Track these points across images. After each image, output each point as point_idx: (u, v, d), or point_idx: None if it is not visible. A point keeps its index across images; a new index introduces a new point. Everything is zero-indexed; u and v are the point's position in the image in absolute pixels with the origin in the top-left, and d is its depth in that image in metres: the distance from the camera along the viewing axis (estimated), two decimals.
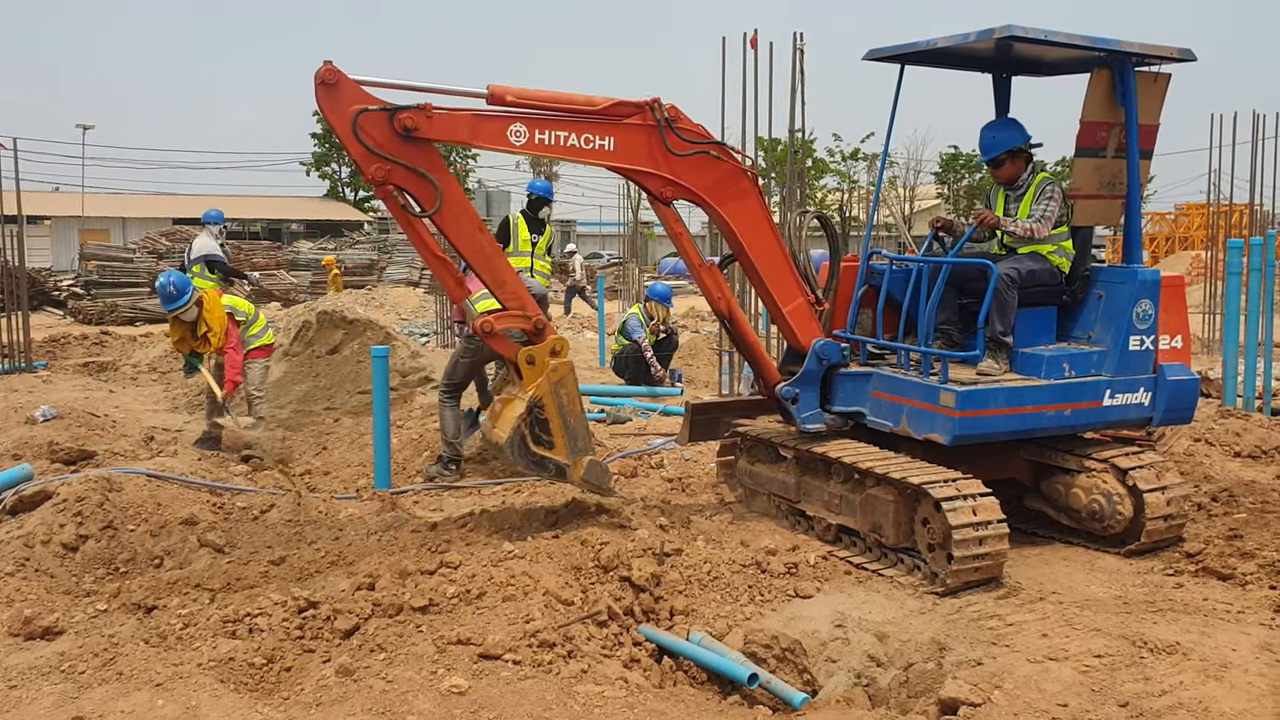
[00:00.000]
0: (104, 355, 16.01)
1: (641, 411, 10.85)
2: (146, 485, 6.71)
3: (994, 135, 6.57)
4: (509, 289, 5.89)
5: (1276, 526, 6.23)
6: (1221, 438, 8.64)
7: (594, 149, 5.81)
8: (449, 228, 5.67)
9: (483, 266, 5.80)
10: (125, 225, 50.59)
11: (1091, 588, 5.50)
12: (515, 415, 5.77)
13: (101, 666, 4.34)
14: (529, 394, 5.78)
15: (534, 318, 5.90)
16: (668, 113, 5.94)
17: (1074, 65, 6.66)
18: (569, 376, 5.90)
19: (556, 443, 5.87)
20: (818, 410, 6.40)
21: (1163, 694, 4.13)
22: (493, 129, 5.58)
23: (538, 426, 5.81)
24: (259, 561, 5.81)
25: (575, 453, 5.92)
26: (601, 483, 6.03)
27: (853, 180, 44.09)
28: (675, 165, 5.99)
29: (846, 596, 5.36)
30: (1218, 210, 17.26)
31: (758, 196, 6.29)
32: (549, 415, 5.83)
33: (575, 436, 5.92)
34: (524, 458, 5.82)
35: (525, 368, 5.80)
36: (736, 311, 6.63)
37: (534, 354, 5.82)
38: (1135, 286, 6.22)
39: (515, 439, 5.76)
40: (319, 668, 4.33)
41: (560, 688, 4.11)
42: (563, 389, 5.87)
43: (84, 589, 5.53)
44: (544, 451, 5.84)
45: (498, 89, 5.63)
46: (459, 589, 4.87)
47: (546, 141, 5.70)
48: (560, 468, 5.90)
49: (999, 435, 5.97)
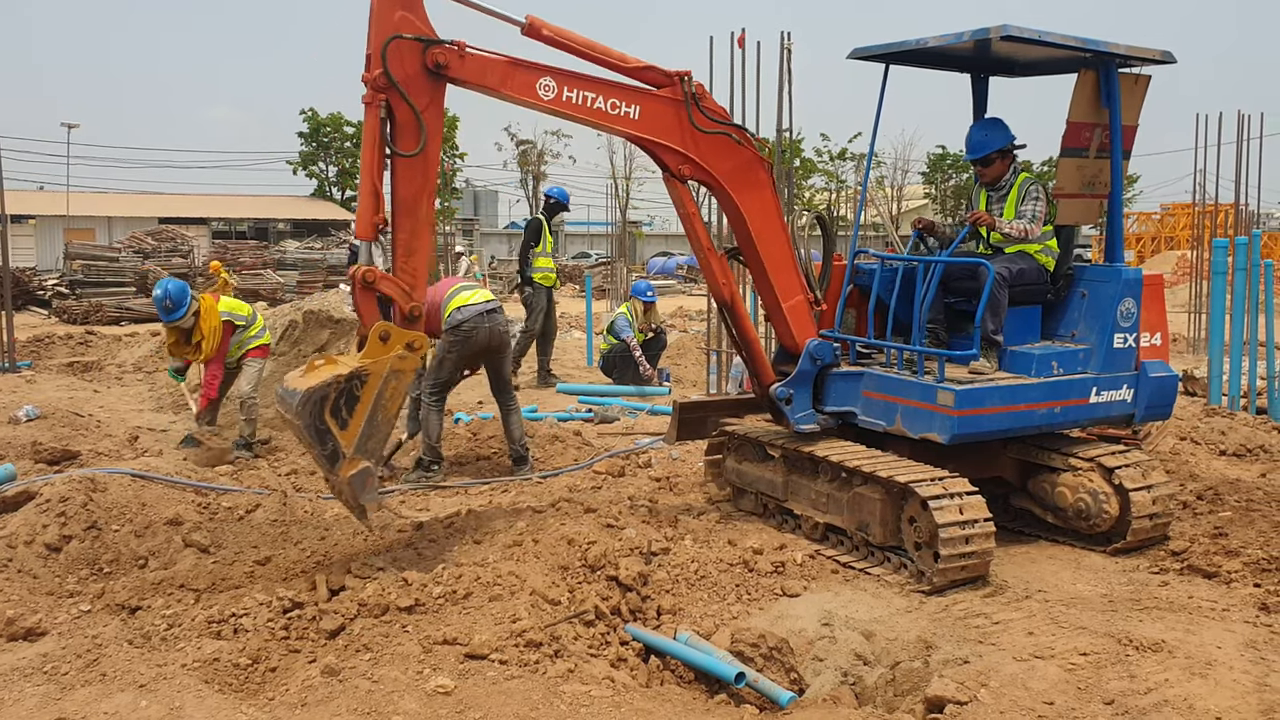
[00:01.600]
0: (89, 355, 15.92)
1: (629, 411, 10.85)
2: (131, 485, 6.67)
3: (985, 134, 6.59)
4: (415, 262, 5.45)
5: (1261, 525, 6.25)
6: (1207, 436, 8.68)
7: (619, 115, 5.72)
8: (404, 176, 5.34)
9: (410, 230, 5.41)
10: (110, 224, 50.31)
11: (1077, 586, 5.51)
12: (333, 374, 5.14)
13: (85, 668, 4.31)
14: (360, 364, 5.19)
15: (416, 303, 5.40)
16: (695, 90, 5.89)
17: (1055, 66, 6.71)
18: (407, 375, 5.36)
19: (351, 427, 5.17)
20: (811, 411, 6.39)
21: (1148, 691, 4.15)
22: (523, 79, 5.47)
23: (345, 399, 5.13)
24: (244, 562, 5.78)
25: (359, 450, 5.22)
26: (361, 495, 5.27)
27: (840, 180, 44.18)
28: (698, 143, 5.92)
29: (833, 595, 5.36)
30: (1203, 210, 17.33)
31: (772, 188, 6.26)
32: (363, 396, 5.18)
33: (372, 435, 5.25)
34: (309, 417, 5.07)
35: (375, 341, 5.22)
36: (739, 301, 6.55)
37: (391, 332, 5.25)
38: (1119, 285, 6.27)
39: (317, 395, 5.07)
40: (304, 668, 4.31)
41: (547, 687, 4.09)
42: (395, 382, 5.27)
43: (67, 590, 5.49)
44: (334, 426, 5.13)
45: (536, 19, 5.53)
46: (445, 589, 4.85)
47: (574, 100, 5.59)
48: (336, 452, 5.16)
49: (994, 434, 6.00)
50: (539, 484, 7.84)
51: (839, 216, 42.54)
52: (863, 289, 6.75)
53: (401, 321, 5.33)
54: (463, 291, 8.10)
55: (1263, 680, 4.23)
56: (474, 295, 8.07)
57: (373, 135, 5.24)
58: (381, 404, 5.23)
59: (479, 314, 7.93)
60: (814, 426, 6.35)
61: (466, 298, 8.02)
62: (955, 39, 5.98)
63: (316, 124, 57.97)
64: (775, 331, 6.52)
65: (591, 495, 7.21)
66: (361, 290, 5.28)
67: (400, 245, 5.40)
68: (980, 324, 6.00)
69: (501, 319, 8.12)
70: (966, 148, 6.72)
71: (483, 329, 7.94)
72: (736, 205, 6.12)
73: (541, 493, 7.51)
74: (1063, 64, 6.57)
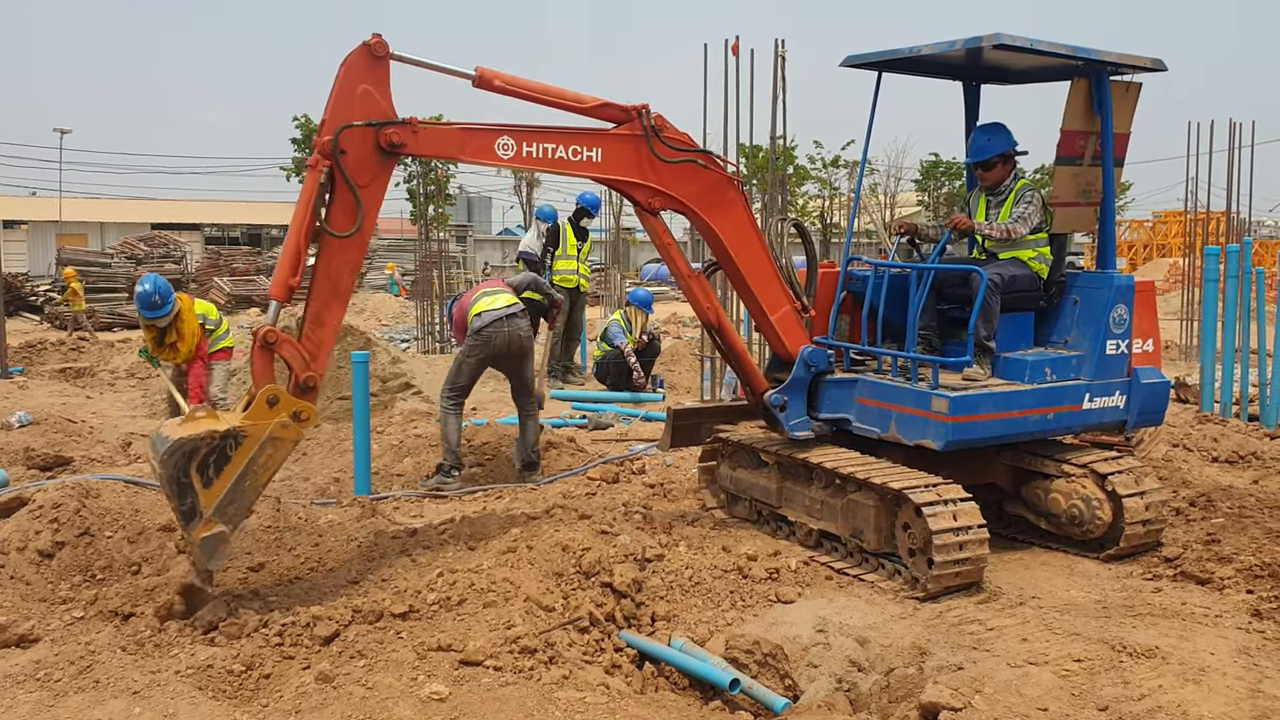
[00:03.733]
0: (81, 361, 15.89)
1: (623, 417, 10.85)
2: (124, 491, 6.65)
3: (988, 138, 6.61)
4: (323, 333, 5.28)
5: (1253, 531, 6.27)
6: (1199, 443, 8.70)
7: (581, 160, 5.74)
8: (333, 251, 5.25)
9: (325, 301, 5.28)
10: (103, 230, 50.24)
11: (1071, 592, 5.53)
12: (209, 429, 4.89)
13: (78, 674, 4.30)
14: (240, 425, 4.94)
15: (314, 374, 5.20)
16: (654, 121, 5.90)
17: (1047, 74, 6.74)
18: (285, 447, 5.07)
19: (215, 487, 4.87)
20: (806, 417, 6.39)
21: (1142, 698, 4.16)
22: (480, 143, 5.49)
23: (216, 457, 4.86)
24: (238, 568, 5.76)
25: (219, 513, 4.90)
26: (211, 560, 4.92)
27: (834, 187, 44.21)
28: (663, 174, 5.95)
29: (828, 602, 5.36)
30: (1195, 218, 17.39)
31: (744, 205, 6.28)
32: (235, 458, 4.90)
33: (235, 500, 4.94)
34: (174, 468, 4.78)
35: (261, 404, 4.98)
36: (725, 321, 6.58)
37: (280, 397, 5.01)
38: (1111, 292, 6.29)
39: (186, 447, 4.79)
40: (298, 674, 4.30)
41: (541, 694, 4.09)
42: (271, 450, 5.00)
43: (60, 596, 5.47)
44: (197, 482, 4.84)
45: (486, 71, 5.54)
46: (439, 595, 4.85)
47: (534, 154, 5.62)
48: (194, 510, 4.84)
49: (989, 440, 6.01)
50: (533, 490, 7.84)
51: (832, 224, 42.64)
52: (855, 295, 6.76)
53: (294, 389, 5.12)
54: (485, 297, 8.08)
55: (1255, 686, 4.24)
56: (496, 300, 8.04)
57: (308, 199, 5.12)
58: (252, 469, 4.97)
59: (499, 318, 7.91)
60: (808, 433, 6.35)
61: (489, 303, 8.01)
62: (948, 47, 5.99)
63: (309, 130, 57.85)
64: (767, 341, 6.54)
65: (586, 501, 7.20)
66: (260, 350, 5.07)
67: (311, 313, 5.25)
68: (974, 330, 6.01)
69: (523, 323, 8.07)
70: (968, 151, 6.75)
71: (502, 333, 7.91)
72: (710, 226, 6.14)
73: (536, 499, 7.50)
74: (1055, 72, 6.60)
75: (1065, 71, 6.38)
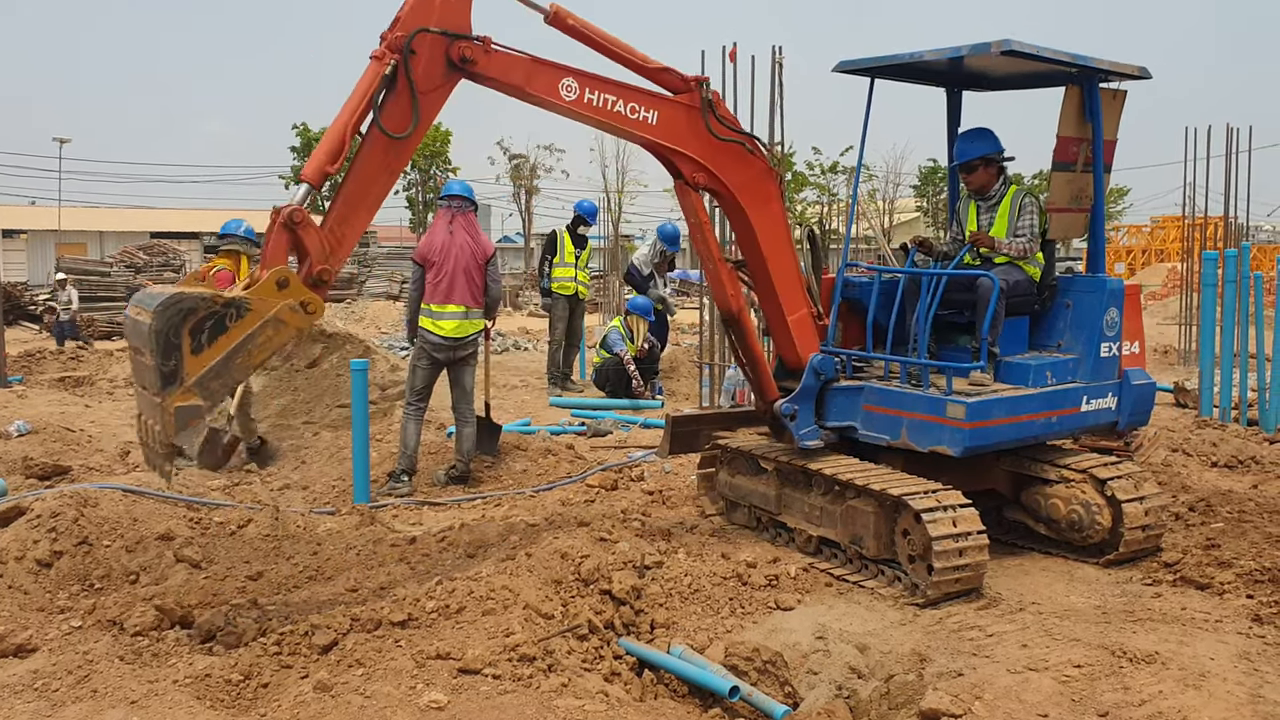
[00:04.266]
0: (80, 370, 15.87)
1: (622, 424, 10.84)
2: (122, 500, 6.65)
3: (969, 142, 6.65)
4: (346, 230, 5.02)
5: (1253, 536, 6.27)
6: (1199, 448, 8.70)
7: (637, 119, 5.65)
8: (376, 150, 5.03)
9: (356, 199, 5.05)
10: (102, 239, 50.29)
11: (1071, 598, 5.52)
12: (212, 293, 4.55)
13: (75, 684, 4.29)
14: (244, 298, 4.59)
15: (329, 268, 4.88)
16: (711, 97, 5.86)
17: (1037, 80, 6.80)
18: (287, 332, 4.70)
19: (204, 355, 4.49)
20: (815, 426, 6.32)
21: (1142, 703, 4.15)
22: (547, 79, 5.38)
23: (212, 324, 4.48)
24: (236, 577, 5.76)
25: (200, 384, 4.50)
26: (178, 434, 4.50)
27: (832, 193, 44.23)
28: (711, 152, 5.88)
29: (827, 608, 5.35)
30: (1193, 223, 17.39)
31: (781, 201, 6.23)
32: (233, 330, 4.53)
33: (220, 375, 4.54)
34: (165, 321, 4.39)
35: (270, 283, 4.64)
36: (746, 314, 6.42)
37: (291, 281, 4.68)
38: (1104, 295, 6.33)
39: (186, 304, 4.43)
40: (296, 683, 4.29)
41: (540, 702, 4.08)
42: (271, 331, 4.63)
43: (58, 606, 5.46)
44: (187, 344, 4.45)
45: (561, 9, 5.46)
46: (438, 603, 4.84)
47: (594, 103, 5.51)
48: (175, 373, 4.44)
49: (1000, 444, 5.99)
50: (532, 498, 7.84)
51: (830, 230, 42.66)
52: (851, 302, 6.75)
53: (306, 279, 4.80)
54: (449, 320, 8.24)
55: (1256, 692, 4.23)
56: (458, 326, 8.24)
57: (366, 89, 4.93)
58: (247, 347, 4.57)
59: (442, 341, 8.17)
60: (818, 442, 6.27)
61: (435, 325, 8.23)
62: (952, 53, 5.98)
63: (308, 138, 57.96)
64: (776, 346, 6.45)
65: (584, 509, 7.20)
66: (280, 229, 4.74)
67: (340, 208, 5.02)
68: (985, 335, 6.03)
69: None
70: (953, 155, 6.79)
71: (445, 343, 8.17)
72: (748, 217, 6.06)
73: (534, 506, 7.50)
74: (1044, 79, 6.66)
75: (1055, 78, 6.43)
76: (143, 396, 4.71)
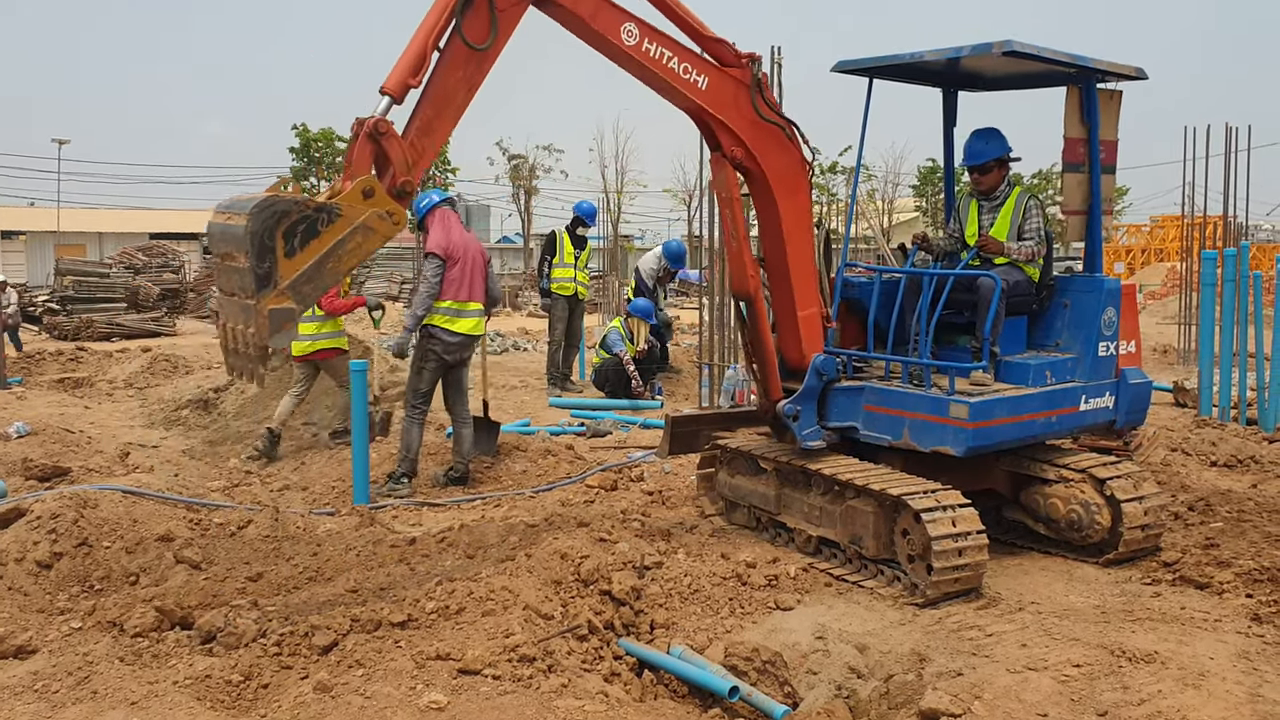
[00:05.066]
0: (80, 371, 15.87)
1: (622, 424, 10.84)
2: (122, 501, 6.66)
3: (985, 143, 6.62)
4: (428, 141, 5.08)
5: (1253, 535, 6.27)
6: (1198, 447, 8.71)
7: (688, 80, 5.66)
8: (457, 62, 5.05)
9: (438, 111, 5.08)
10: (101, 240, 50.29)
11: (1070, 597, 5.52)
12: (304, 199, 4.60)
13: (75, 685, 4.29)
14: (335, 204, 4.63)
15: (411, 179, 4.93)
16: (761, 77, 5.87)
17: (1035, 81, 6.79)
18: (375, 240, 4.77)
19: (297, 259, 4.54)
20: (817, 427, 6.28)
21: (1141, 703, 4.15)
22: (610, 18, 5.39)
23: (305, 228, 4.53)
24: (236, 578, 5.75)
25: (293, 287, 4.57)
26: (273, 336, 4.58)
27: (831, 194, 44.26)
28: (752, 130, 5.88)
29: (827, 608, 5.36)
30: (1192, 222, 17.40)
31: (809, 195, 6.23)
32: (325, 234, 4.58)
33: (313, 279, 4.62)
34: (259, 223, 4.43)
35: (356, 191, 4.69)
36: (760, 297, 6.30)
37: (376, 190, 4.73)
38: (1102, 295, 6.34)
39: (280, 207, 4.48)
40: (296, 684, 4.29)
41: (540, 702, 4.08)
42: (360, 238, 4.69)
43: (58, 607, 5.47)
44: (280, 247, 4.50)
45: None
46: (438, 604, 4.84)
47: (651, 53, 5.52)
48: (270, 275, 4.50)
49: (1003, 444, 6.00)
50: (531, 498, 7.84)
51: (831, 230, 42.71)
52: (849, 302, 6.74)
53: (390, 190, 4.85)
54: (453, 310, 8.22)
55: (1255, 691, 4.23)
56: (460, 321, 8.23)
57: (444, 7, 4.97)
58: (338, 252, 4.65)
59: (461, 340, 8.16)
60: (821, 443, 6.23)
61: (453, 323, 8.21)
62: (954, 53, 5.97)
63: (307, 139, 57.96)
64: (781, 342, 6.37)
65: (584, 509, 7.20)
66: (365, 139, 4.80)
67: (421, 121, 5.05)
68: (987, 335, 6.03)
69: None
70: (965, 155, 6.75)
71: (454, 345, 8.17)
72: (776, 204, 6.03)
73: (534, 507, 7.50)
74: (1039, 79, 6.67)
75: (1053, 79, 6.43)
76: (231, 303, 4.74)
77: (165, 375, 14.42)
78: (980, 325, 6.13)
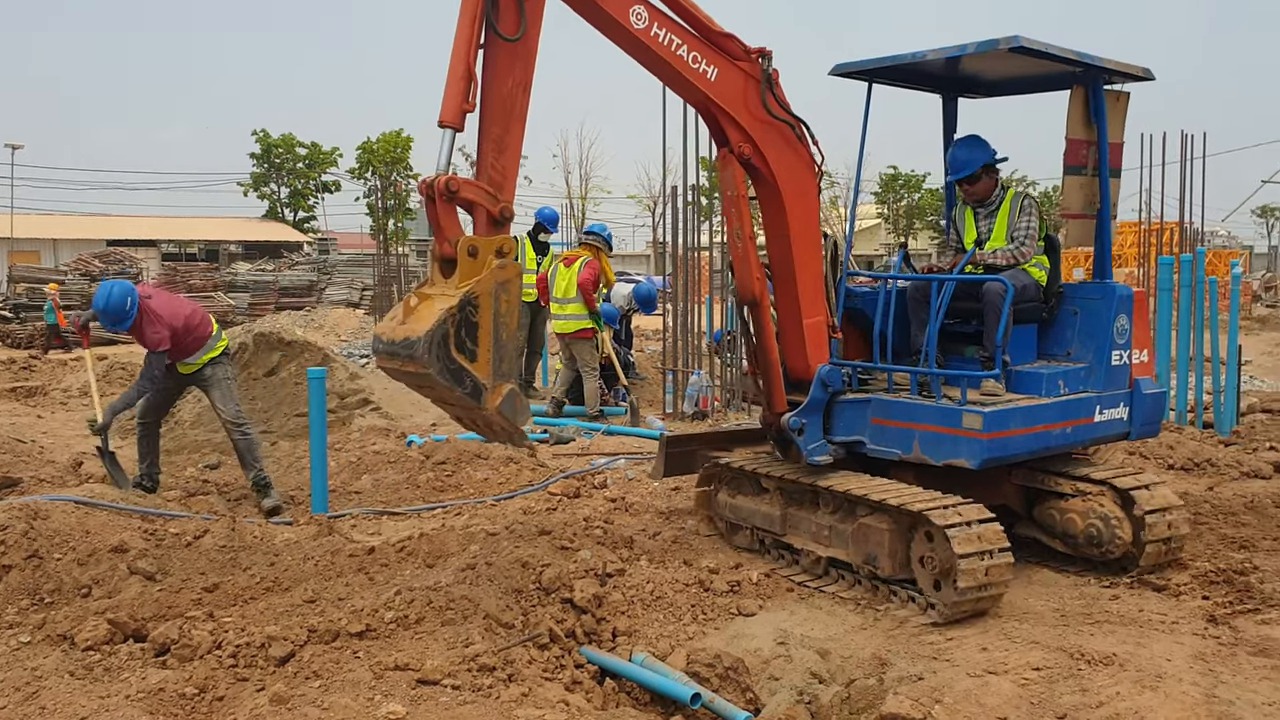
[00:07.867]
0: (32, 380, 15.61)
1: (585, 431, 10.81)
2: (74, 512, 6.52)
3: (969, 152, 6.47)
4: (505, 160, 5.02)
5: (1209, 538, 6.35)
6: (1155, 451, 8.80)
7: (698, 70, 5.53)
8: (505, 64, 4.96)
9: (505, 125, 5.02)
10: (56, 246, 49.57)
11: (1030, 601, 5.55)
12: (444, 309, 4.70)
13: (23, 701, 4.20)
14: (463, 290, 4.75)
15: (505, 203, 4.95)
16: (771, 73, 5.74)
17: (1041, 84, 6.66)
18: (515, 282, 4.91)
19: (481, 355, 4.79)
20: (823, 441, 6.01)
21: (1100, 705, 4.18)
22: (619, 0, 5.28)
23: (465, 330, 4.73)
24: (191, 589, 5.66)
25: (498, 375, 4.86)
26: (517, 417, 4.98)
27: None
28: (760, 127, 5.73)
29: (789, 614, 5.35)
30: (1149, 228, 17.64)
31: (817, 198, 6.08)
32: (481, 320, 4.76)
33: (503, 356, 4.87)
34: (441, 362, 4.66)
35: (465, 259, 4.79)
36: (765, 300, 6.06)
37: (478, 245, 4.80)
38: (1113, 302, 6.13)
39: (438, 335, 4.64)
40: (252, 696, 4.22)
41: (500, 712, 4.04)
42: (505, 295, 4.84)
43: (6, 621, 5.34)
44: (463, 361, 4.74)
45: None
46: (397, 614, 4.79)
47: (660, 39, 5.39)
48: (478, 386, 4.79)
49: (1018, 456, 5.74)
50: (493, 506, 7.78)
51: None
52: (850, 313, 6.51)
53: (488, 226, 4.92)
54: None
55: (1211, 692, 4.27)
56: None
57: (473, 9, 4.85)
58: (501, 322, 4.83)
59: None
60: (827, 458, 5.96)
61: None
62: (959, 51, 5.80)
63: (268, 145, 57.56)
64: (785, 352, 6.14)
65: (546, 517, 7.16)
66: (442, 202, 4.82)
67: (492, 141, 4.98)
68: (998, 343, 5.80)
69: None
70: (950, 168, 6.58)
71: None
72: (783, 205, 5.86)
73: (495, 515, 7.45)
74: (1044, 81, 6.53)
75: (1058, 80, 6.30)
76: (468, 415, 5.14)
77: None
78: (990, 333, 5.91)
